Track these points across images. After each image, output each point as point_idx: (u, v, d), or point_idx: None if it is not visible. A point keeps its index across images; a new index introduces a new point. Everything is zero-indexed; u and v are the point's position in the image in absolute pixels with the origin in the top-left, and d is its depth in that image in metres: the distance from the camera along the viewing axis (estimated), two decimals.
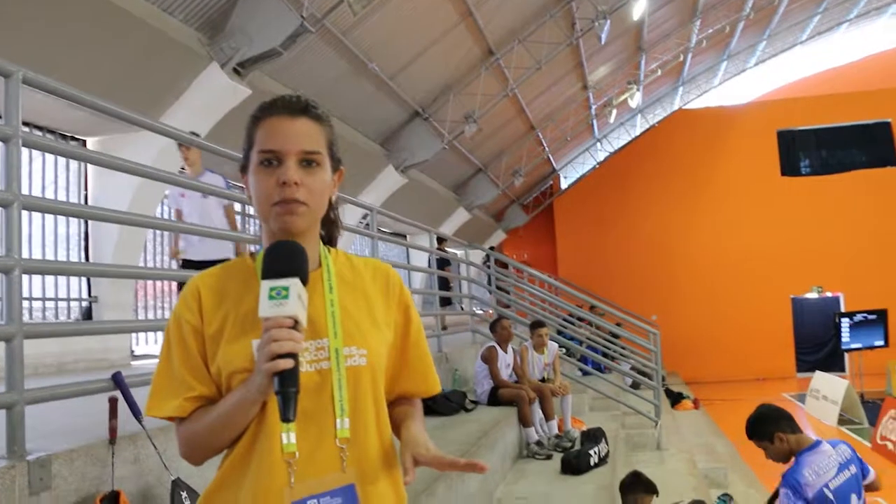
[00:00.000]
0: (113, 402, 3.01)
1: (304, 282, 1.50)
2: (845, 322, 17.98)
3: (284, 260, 1.51)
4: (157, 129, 4.40)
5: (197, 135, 5.77)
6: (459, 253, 13.00)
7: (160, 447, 3.03)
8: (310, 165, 1.60)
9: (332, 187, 1.68)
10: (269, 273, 1.48)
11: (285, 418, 1.43)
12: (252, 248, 1.82)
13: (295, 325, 1.45)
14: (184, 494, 2.99)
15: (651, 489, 5.66)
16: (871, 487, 4.13)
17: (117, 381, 3.13)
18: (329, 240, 1.76)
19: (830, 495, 3.83)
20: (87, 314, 8.25)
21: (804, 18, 21.70)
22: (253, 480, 1.53)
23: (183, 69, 8.34)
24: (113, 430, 2.91)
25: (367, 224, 7.46)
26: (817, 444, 4.09)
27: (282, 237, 1.57)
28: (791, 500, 3.94)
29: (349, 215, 10.63)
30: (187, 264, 6.46)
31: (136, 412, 3.01)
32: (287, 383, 1.42)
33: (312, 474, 1.53)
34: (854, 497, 3.92)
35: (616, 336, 12.48)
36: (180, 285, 6.10)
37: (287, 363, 1.42)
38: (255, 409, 1.52)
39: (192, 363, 1.58)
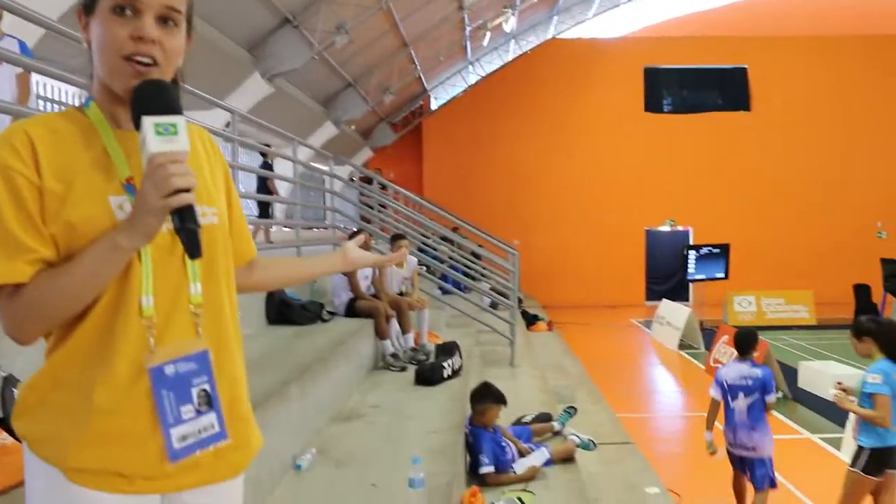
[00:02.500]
0: None
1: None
2: (692, 254, 18.88)
3: (162, 98, 1.40)
4: None
5: None
6: (325, 167, 12.74)
7: None
8: (167, 24, 1.46)
9: (182, 53, 1.55)
10: (147, 109, 1.36)
11: (194, 255, 1.38)
12: (81, 100, 1.64)
13: None
14: (16, 391, 2.78)
15: (499, 399, 5.78)
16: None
17: None
18: None
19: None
20: None
21: None
22: (110, 348, 1.42)
23: None
24: None
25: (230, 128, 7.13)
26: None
27: (123, 95, 1.45)
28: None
29: (211, 120, 10.18)
30: None
31: None
32: (189, 219, 1.35)
33: (169, 339, 1.46)
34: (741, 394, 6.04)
35: (477, 257, 12.63)
36: None
37: (190, 197, 1.34)
38: (124, 264, 1.40)
39: (30, 221, 1.39)
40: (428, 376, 6.64)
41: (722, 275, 18.69)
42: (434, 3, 16.54)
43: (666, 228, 24.58)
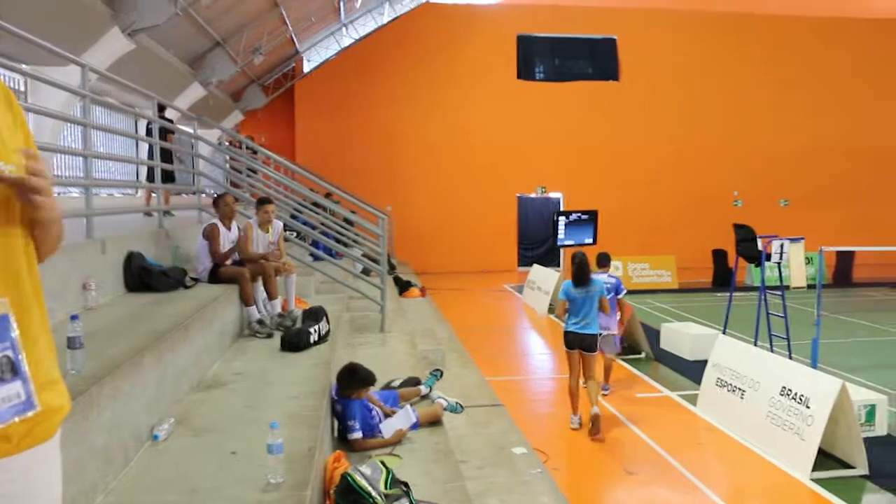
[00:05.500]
0: None
1: None
2: (562, 220, 19.31)
3: None
4: None
5: None
6: (191, 130, 12.30)
7: None
8: None
9: None
10: None
11: None
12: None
13: None
14: None
15: (367, 382, 5.75)
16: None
17: None
18: None
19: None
20: None
21: None
22: None
23: None
24: None
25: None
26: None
27: None
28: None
29: (66, 76, 9.63)
30: None
31: None
32: None
33: None
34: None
35: (350, 223, 12.51)
36: None
37: None
38: None
39: None
40: (294, 342, 6.54)
41: (591, 241, 19.19)
42: None
43: (537, 195, 25.06)
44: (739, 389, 8.19)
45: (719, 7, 25.33)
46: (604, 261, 9.68)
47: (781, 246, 10.99)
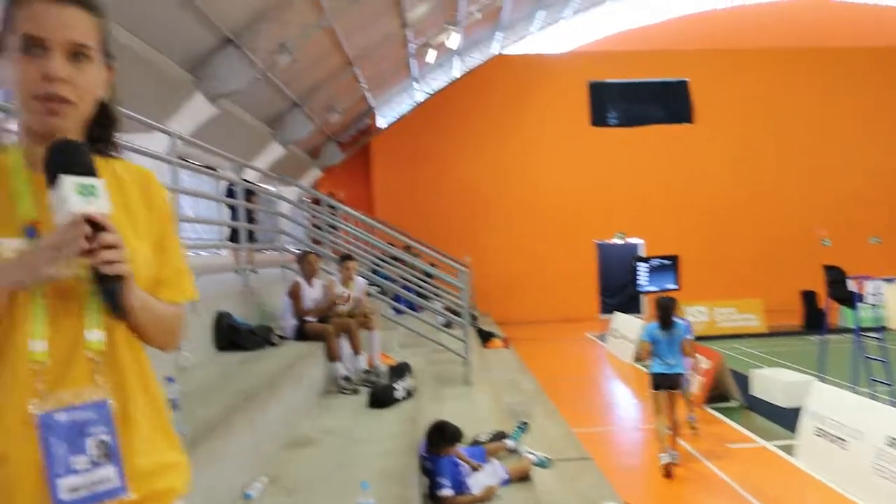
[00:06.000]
0: None
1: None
2: (643, 267, 19.04)
3: (80, 159, 1.39)
4: None
5: None
6: (273, 189, 12.58)
7: None
8: (78, 59, 1.42)
9: (102, 85, 1.51)
10: (65, 169, 1.35)
11: (115, 311, 1.42)
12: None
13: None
14: None
15: (455, 440, 5.71)
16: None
17: None
18: (106, 140, 1.60)
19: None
20: None
21: None
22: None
23: None
24: None
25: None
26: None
27: (42, 135, 1.43)
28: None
29: (153, 144, 9.97)
30: None
31: None
32: (112, 281, 1.38)
33: (65, 386, 1.39)
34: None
35: (430, 276, 12.54)
36: None
37: (122, 269, 1.39)
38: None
39: None
40: (380, 399, 6.53)
41: (673, 286, 18.85)
42: (377, 21, 16.50)
43: (616, 241, 24.77)
44: (840, 439, 7.82)
45: (790, 42, 24.93)
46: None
47: (877, 286, 10.57)
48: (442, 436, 5.60)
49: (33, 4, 1.41)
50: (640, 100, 25.47)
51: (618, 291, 24.50)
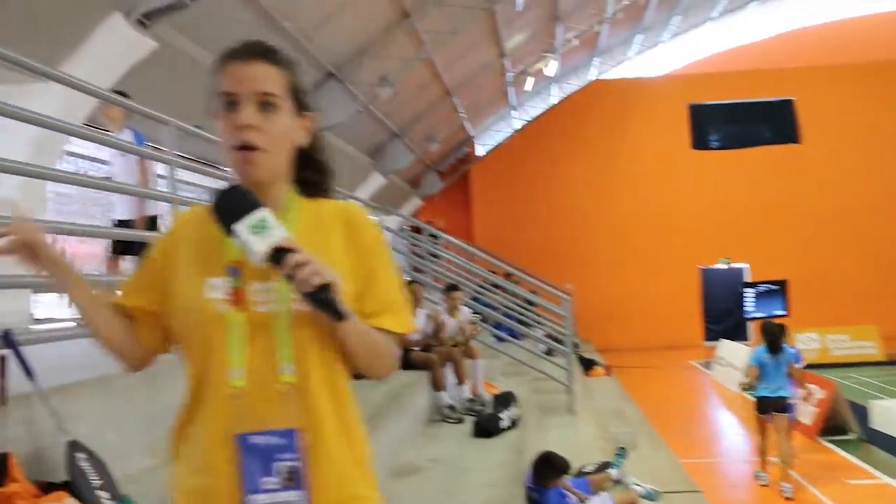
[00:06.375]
0: (1, 361, 2.85)
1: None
2: (749, 292, 18.52)
3: (240, 201, 1.51)
4: (76, 85, 4.24)
5: (124, 94, 5.70)
6: (375, 219, 12.81)
7: (56, 408, 2.83)
8: (266, 109, 1.56)
9: (297, 131, 1.65)
10: (234, 218, 1.48)
11: (339, 315, 1.48)
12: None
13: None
14: (81, 456, 2.79)
15: (562, 471, 5.69)
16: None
17: (7, 339, 2.95)
18: (315, 186, 1.74)
19: None
20: None
21: None
22: (203, 414, 1.57)
23: (82, 17, 7.87)
24: (1, 390, 2.78)
25: None
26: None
27: (244, 184, 1.57)
28: None
29: None
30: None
31: (28, 371, 2.86)
32: (320, 290, 1.46)
33: (261, 412, 1.53)
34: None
35: (531, 303, 12.52)
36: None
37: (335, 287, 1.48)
38: None
39: (137, 281, 1.72)
40: (486, 428, 6.56)
41: (781, 312, 18.27)
42: (475, 51, 16.71)
43: (721, 266, 24.15)
44: None
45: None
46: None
47: None
48: (550, 467, 5.59)
49: (227, 66, 1.58)
50: (742, 121, 24.86)
51: (722, 318, 23.82)
